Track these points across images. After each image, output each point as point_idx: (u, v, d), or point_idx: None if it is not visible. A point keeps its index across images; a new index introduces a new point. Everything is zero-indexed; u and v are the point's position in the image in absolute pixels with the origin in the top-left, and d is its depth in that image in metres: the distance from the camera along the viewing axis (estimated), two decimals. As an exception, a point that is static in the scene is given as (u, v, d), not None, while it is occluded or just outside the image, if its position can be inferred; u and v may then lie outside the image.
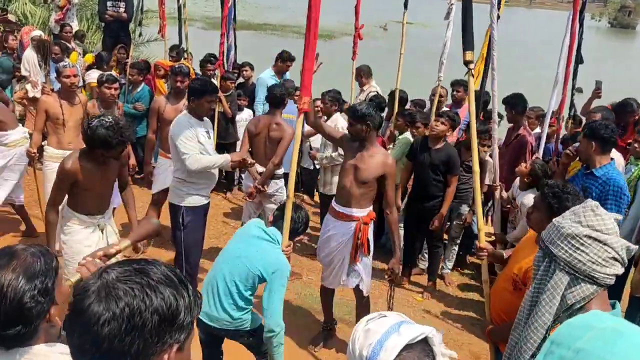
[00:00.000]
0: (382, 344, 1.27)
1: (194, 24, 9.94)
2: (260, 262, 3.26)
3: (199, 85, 4.45)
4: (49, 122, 5.28)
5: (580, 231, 1.73)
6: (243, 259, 3.29)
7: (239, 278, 3.27)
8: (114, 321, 1.09)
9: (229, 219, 6.98)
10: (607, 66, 13.97)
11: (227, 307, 3.31)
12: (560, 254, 1.75)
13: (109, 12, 9.26)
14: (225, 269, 3.32)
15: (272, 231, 3.43)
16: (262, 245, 3.35)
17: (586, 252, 1.71)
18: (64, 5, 9.68)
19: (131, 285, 1.13)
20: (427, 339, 1.32)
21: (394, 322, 1.33)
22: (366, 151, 4.13)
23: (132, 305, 1.10)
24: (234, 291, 3.29)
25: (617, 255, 1.72)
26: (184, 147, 4.32)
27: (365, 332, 1.33)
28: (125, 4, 9.33)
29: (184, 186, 4.51)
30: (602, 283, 1.72)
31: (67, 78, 5.20)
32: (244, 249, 3.34)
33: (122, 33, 9.32)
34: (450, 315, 5.32)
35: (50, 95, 5.40)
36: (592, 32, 10.45)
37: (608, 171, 4.09)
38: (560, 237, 1.76)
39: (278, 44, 14.72)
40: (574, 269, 1.72)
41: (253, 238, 3.38)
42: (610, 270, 1.71)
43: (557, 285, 1.74)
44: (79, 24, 10.51)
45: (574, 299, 1.73)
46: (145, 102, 7.14)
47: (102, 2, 9.37)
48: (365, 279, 4.31)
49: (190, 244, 4.58)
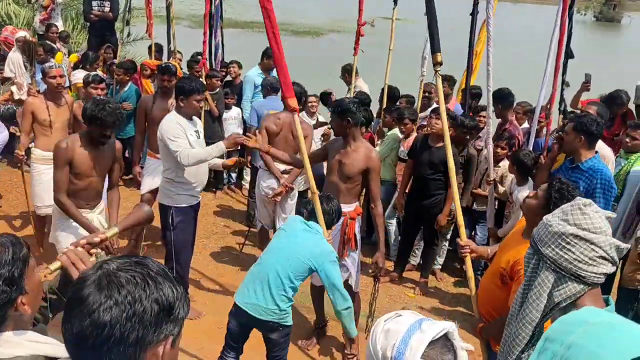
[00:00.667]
0: (407, 343, 1.28)
1: (180, 22, 9.86)
2: (311, 253, 3.50)
3: (187, 84, 4.42)
4: (36, 124, 5.22)
5: (567, 230, 1.72)
6: (294, 252, 3.51)
7: (292, 269, 3.48)
8: (116, 307, 1.12)
9: (219, 218, 6.95)
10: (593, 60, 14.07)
11: (277, 299, 3.48)
12: (547, 252, 1.74)
13: (94, 12, 9.18)
14: (276, 262, 3.51)
15: (313, 224, 3.67)
16: (310, 238, 3.59)
17: (572, 251, 1.70)
18: (48, 5, 9.56)
19: (132, 274, 1.17)
20: (448, 334, 1.33)
21: (414, 320, 1.34)
22: (349, 147, 4.20)
23: (133, 292, 1.14)
24: (287, 283, 3.48)
25: (606, 254, 1.71)
26: (173, 144, 4.29)
27: (385, 332, 1.34)
28: (111, 3, 9.25)
29: (173, 186, 4.48)
30: (589, 282, 1.71)
31: (53, 79, 5.14)
32: (294, 243, 3.56)
33: (108, 32, 9.25)
34: (442, 311, 5.34)
35: (37, 96, 5.33)
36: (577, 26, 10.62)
37: (594, 164, 4.09)
38: (548, 236, 1.76)
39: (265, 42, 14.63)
40: (560, 267, 1.71)
41: (300, 232, 3.61)
42: (599, 269, 1.70)
43: (543, 283, 1.74)
44: (64, 23, 10.39)
45: (560, 297, 1.72)
46: (133, 102, 7.08)
47: (87, 2, 9.27)
48: (354, 275, 4.33)
49: (180, 244, 4.56)
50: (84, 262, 1.74)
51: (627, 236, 4.62)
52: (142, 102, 5.99)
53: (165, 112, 4.94)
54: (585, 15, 41.91)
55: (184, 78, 4.86)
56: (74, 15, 11.50)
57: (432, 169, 5.31)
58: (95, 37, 9.22)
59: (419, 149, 5.40)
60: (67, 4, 11.34)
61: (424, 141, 5.40)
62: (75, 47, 10.01)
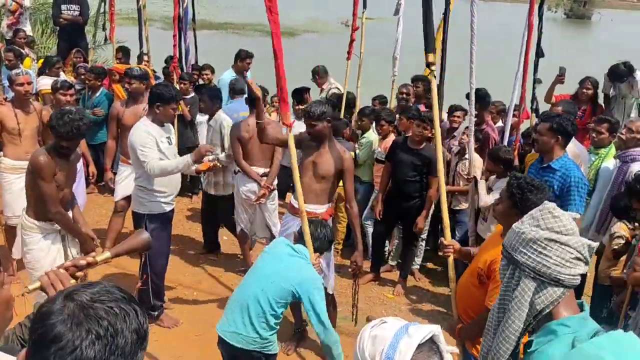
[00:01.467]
0: (395, 348, 1.28)
1: (153, 24, 9.73)
2: (296, 278, 3.28)
3: (167, 91, 4.36)
4: (4, 133, 5.10)
5: (540, 235, 1.71)
6: (277, 277, 3.29)
7: (273, 296, 3.26)
8: (98, 341, 1.07)
9: (195, 224, 6.86)
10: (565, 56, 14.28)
11: (257, 327, 3.27)
12: (524, 260, 1.72)
13: (63, 16, 8.99)
14: (257, 288, 3.29)
15: (300, 248, 3.48)
16: (295, 262, 3.39)
17: (549, 256, 1.69)
18: (15, 10, 9.35)
19: (109, 304, 1.11)
20: (433, 337, 1.34)
21: (401, 325, 1.35)
22: (323, 147, 4.20)
23: (115, 324, 1.10)
24: (267, 310, 3.26)
25: (580, 255, 1.71)
26: (142, 154, 4.24)
27: (372, 339, 1.33)
28: (80, 7, 9.07)
29: (145, 193, 4.44)
30: (568, 284, 1.70)
31: (21, 86, 5.00)
32: (276, 267, 3.35)
33: (78, 37, 9.07)
34: (420, 312, 5.34)
35: (4, 104, 5.21)
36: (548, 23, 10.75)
37: (565, 163, 4.08)
38: (521, 243, 1.74)
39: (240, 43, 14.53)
40: (539, 274, 1.70)
41: (284, 255, 3.41)
42: (575, 270, 1.70)
43: (524, 292, 1.72)
44: (33, 28, 10.18)
45: (542, 304, 1.71)
46: (104, 107, 6.98)
47: (56, 6, 9.08)
48: (328, 276, 4.29)
49: (155, 253, 4.43)
50: (63, 284, 1.69)
51: (601, 232, 4.68)
52: (113, 107, 5.90)
53: (137, 117, 4.87)
54: (556, 13, 42.53)
55: (162, 85, 4.74)
56: (43, 19, 11.27)
57: (414, 171, 5.32)
58: (64, 42, 9.04)
59: (399, 152, 5.38)
60: (36, 8, 11.11)
61: (404, 144, 5.41)
62: (44, 52, 9.82)
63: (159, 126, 4.39)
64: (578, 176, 4.02)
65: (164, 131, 4.43)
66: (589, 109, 6.42)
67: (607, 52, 7.16)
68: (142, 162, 4.24)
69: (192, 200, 7.50)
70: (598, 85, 6.52)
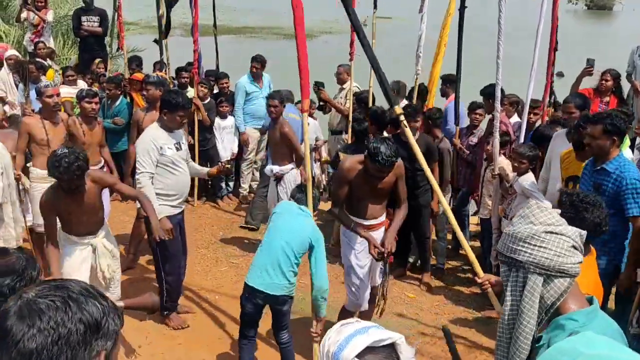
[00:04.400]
0: (348, 341, 1.31)
1: (173, 32, 9.87)
2: (309, 232, 3.89)
3: (174, 98, 4.44)
4: (33, 144, 5.19)
5: (536, 229, 1.74)
6: (297, 229, 3.88)
7: (297, 246, 3.85)
8: (40, 334, 1.15)
9: (216, 228, 6.93)
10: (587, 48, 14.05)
11: (286, 274, 3.85)
12: (525, 258, 1.74)
13: (83, 27, 9.17)
14: (281, 241, 3.86)
15: (305, 209, 4.03)
16: (307, 219, 3.97)
17: (549, 248, 1.71)
18: (38, 24, 9.57)
19: (52, 298, 1.19)
20: (395, 344, 1.32)
21: (366, 326, 1.36)
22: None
23: (55, 316, 1.16)
24: (292, 258, 3.85)
25: (576, 243, 1.74)
26: (139, 164, 4.41)
27: (337, 332, 1.37)
28: (100, 18, 9.25)
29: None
30: (572, 273, 1.72)
31: (50, 98, 5.12)
32: (295, 223, 3.92)
33: (98, 47, 9.25)
34: (443, 313, 5.27)
35: (33, 116, 5.33)
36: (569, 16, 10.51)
37: (620, 164, 3.81)
38: (518, 243, 1.76)
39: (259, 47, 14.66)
40: (544, 268, 1.72)
41: (298, 214, 3.96)
42: (574, 259, 1.73)
43: (533, 290, 1.73)
44: (54, 40, 10.40)
45: (552, 297, 1.72)
46: (124, 116, 7.09)
47: (76, 18, 9.27)
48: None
49: (166, 255, 4.57)
50: None
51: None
52: (135, 114, 6.05)
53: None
54: (577, 5, 41.89)
55: (171, 92, 4.86)
56: (64, 31, 11.51)
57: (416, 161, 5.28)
58: (86, 53, 9.22)
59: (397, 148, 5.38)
60: (58, 20, 11.33)
61: (398, 140, 5.37)
62: (65, 62, 10.01)
63: (168, 132, 4.47)
64: (634, 177, 3.75)
65: (172, 137, 4.50)
66: (612, 100, 6.30)
67: (631, 43, 7.03)
68: (137, 169, 4.40)
69: (218, 205, 7.58)
70: (620, 77, 6.40)
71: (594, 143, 3.84)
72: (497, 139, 4.98)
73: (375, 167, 3.92)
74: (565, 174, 4.51)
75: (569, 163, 4.49)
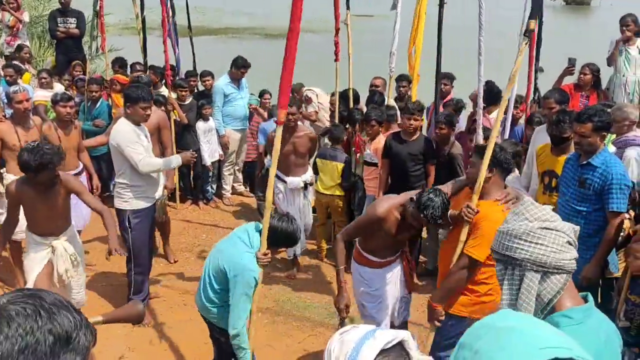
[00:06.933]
0: (359, 350, 1.27)
1: (152, 32, 9.73)
2: (228, 260, 3.32)
3: (134, 92, 4.59)
4: (6, 150, 5.10)
5: (532, 226, 1.72)
6: (219, 253, 3.42)
7: (214, 271, 3.41)
8: (6, 341, 1.10)
9: (199, 231, 6.85)
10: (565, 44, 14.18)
11: (204, 298, 3.49)
12: (522, 255, 1.72)
13: (59, 29, 9.00)
14: (210, 260, 3.49)
15: (254, 234, 3.41)
16: (237, 245, 3.39)
17: (545, 244, 1.70)
18: (14, 25, 9.37)
19: (23, 306, 1.14)
20: (403, 342, 1.31)
21: (370, 329, 1.33)
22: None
23: (24, 324, 1.12)
24: (207, 283, 3.44)
25: (570, 238, 1.73)
26: (133, 152, 4.47)
27: (340, 343, 1.32)
28: (77, 20, 9.08)
29: (127, 190, 4.64)
30: (569, 269, 1.71)
31: (20, 103, 5.05)
32: (224, 244, 3.48)
33: (75, 49, 9.08)
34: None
35: (4, 122, 5.22)
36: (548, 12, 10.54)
37: (605, 158, 3.79)
38: (514, 240, 1.74)
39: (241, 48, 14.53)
40: (541, 264, 1.70)
41: (235, 236, 3.46)
42: (570, 254, 1.72)
43: (530, 287, 1.71)
44: (30, 42, 10.19)
45: (549, 294, 1.71)
46: (105, 118, 6.98)
47: (52, 19, 9.10)
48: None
49: (138, 246, 4.74)
50: None
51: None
52: (116, 117, 5.92)
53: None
54: (555, 0, 42.29)
55: (131, 86, 5.01)
56: (40, 33, 11.29)
57: (412, 161, 5.32)
58: (62, 55, 9.05)
59: (395, 147, 5.37)
60: (33, 21, 11.11)
61: (397, 138, 5.40)
62: (41, 65, 9.82)
63: (136, 125, 4.59)
64: (620, 172, 3.75)
65: (140, 130, 4.64)
66: (592, 94, 6.35)
67: (609, 38, 7.09)
68: (137, 159, 4.46)
69: (201, 207, 7.48)
70: (599, 71, 6.44)
71: (584, 141, 3.81)
72: (480, 135, 4.98)
73: (421, 221, 3.43)
74: (541, 169, 4.53)
75: (545, 158, 4.52)
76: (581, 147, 3.88)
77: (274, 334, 4.77)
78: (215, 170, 7.63)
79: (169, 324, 4.87)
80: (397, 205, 3.54)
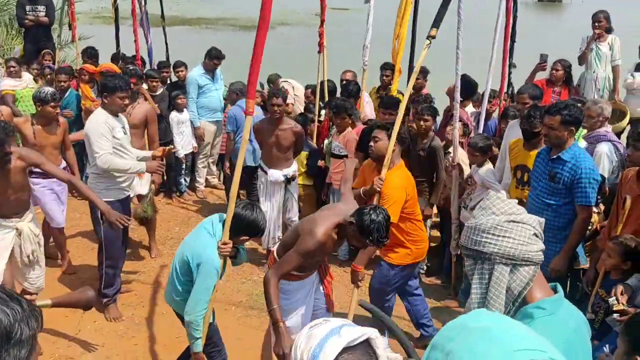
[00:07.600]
0: (322, 346, 1.25)
1: (125, 22, 9.53)
2: (191, 249, 3.31)
3: (110, 81, 4.51)
4: None
5: (499, 220, 1.75)
6: (185, 244, 3.43)
7: (179, 262, 3.38)
8: None
9: (172, 224, 6.77)
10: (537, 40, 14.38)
11: (171, 290, 3.49)
12: (490, 249, 1.74)
13: (28, 17, 8.75)
14: (177, 252, 3.46)
15: (217, 225, 3.36)
16: (200, 235, 3.36)
17: (512, 237, 1.72)
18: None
19: None
20: (369, 340, 1.28)
21: (336, 326, 1.30)
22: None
23: None
24: (174, 274, 3.42)
25: (536, 230, 1.76)
26: (97, 145, 4.38)
27: (307, 338, 1.30)
28: (46, 8, 8.83)
29: (99, 181, 4.56)
30: (537, 261, 1.74)
31: None
32: (190, 236, 3.47)
33: (45, 38, 8.84)
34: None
35: None
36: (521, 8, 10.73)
37: (575, 153, 3.82)
38: (482, 235, 1.76)
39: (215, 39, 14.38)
40: (509, 257, 1.72)
41: (201, 227, 3.41)
42: (537, 246, 1.75)
43: (499, 280, 1.73)
44: (-3, 30, 9.92)
45: (519, 286, 1.73)
46: (73, 108, 6.84)
47: (20, 7, 8.82)
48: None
49: (110, 238, 4.60)
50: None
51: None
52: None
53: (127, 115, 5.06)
54: (528, -3, 42.84)
55: (108, 75, 4.92)
56: (7, 21, 10.96)
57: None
58: (31, 44, 8.79)
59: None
60: (0, 8, 10.80)
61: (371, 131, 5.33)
62: (9, 53, 9.55)
63: (113, 116, 4.52)
64: (589, 167, 3.78)
65: (117, 122, 4.56)
66: (564, 90, 6.44)
67: (580, 34, 7.21)
68: (95, 152, 4.37)
69: (173, 201, 7.38)
70: (570, 67, 6.54)
71: (552, 134, 3.85)
72: (456, 129, 5.00)
73: (364, 243, 3.28)
74: (514, 163, 4.58)
75: (517, 152, 4.57)
76: (549, 140, 3.93)
77: (246, 327, 4.74)
78: (189, 163, 7.53)
79: (140, 318, 4.80)
80: (333, 226, 3.31)
